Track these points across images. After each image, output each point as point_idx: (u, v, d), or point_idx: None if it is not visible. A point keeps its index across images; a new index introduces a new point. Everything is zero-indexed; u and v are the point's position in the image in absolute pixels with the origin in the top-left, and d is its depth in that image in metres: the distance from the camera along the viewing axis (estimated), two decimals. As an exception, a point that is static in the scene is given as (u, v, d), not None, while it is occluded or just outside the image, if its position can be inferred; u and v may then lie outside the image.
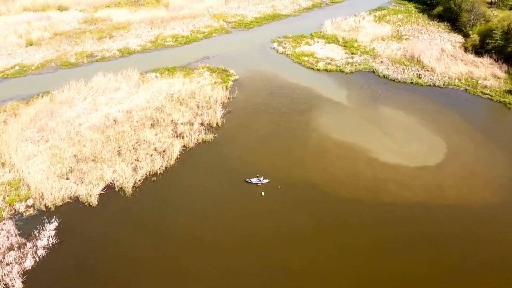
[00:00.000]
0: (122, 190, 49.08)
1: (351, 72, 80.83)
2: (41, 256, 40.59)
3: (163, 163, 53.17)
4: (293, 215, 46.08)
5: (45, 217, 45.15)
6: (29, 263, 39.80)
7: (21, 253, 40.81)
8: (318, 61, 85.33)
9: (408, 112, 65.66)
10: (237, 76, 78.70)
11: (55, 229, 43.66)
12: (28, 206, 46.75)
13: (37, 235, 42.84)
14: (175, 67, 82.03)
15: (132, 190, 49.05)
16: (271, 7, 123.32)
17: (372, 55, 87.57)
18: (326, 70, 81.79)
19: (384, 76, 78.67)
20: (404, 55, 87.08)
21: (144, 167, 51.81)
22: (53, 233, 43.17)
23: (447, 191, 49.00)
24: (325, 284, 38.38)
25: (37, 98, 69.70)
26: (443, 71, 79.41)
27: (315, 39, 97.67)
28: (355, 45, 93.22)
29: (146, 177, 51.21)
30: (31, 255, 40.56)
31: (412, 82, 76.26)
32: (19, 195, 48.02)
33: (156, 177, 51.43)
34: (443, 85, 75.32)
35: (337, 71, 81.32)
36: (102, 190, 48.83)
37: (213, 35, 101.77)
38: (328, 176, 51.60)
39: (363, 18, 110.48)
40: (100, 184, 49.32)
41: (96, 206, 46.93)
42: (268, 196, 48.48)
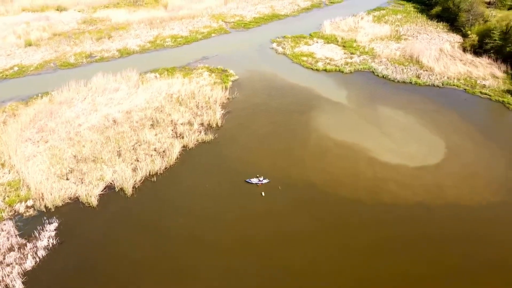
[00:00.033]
0: (122, 190, 49.10)
1: (350, 72, 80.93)
2: (41, 257, 40.59)
3: (163, 163, 53.20)
4: (293, 215, 46.12)
5: (45, 218, 45.15)
6: (29, 263, 39.80)
7: (21, 253, 40.81)
8: (317, 61, 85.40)
9: (407, 112, 65.77)
10: (236, 77, 78.72)
11: (55, 230, 43.67)
12: (28, 207, 46.74)
13: (37, 236, 42.84)
14: (174, 68, 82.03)
15: (132, 191, 49.07)
16: (270, 8, 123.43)
17: (371, 55, 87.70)
18: (325, 70, 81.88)
19: (383, 76, 78.81)
20: (403, 55, 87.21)
21: (144, 168, 51.84)
22: (53, 233, 43.17)
23: (446, 191, 49.09)
24: (326, 284, 38.43)
25: (36, 98, 69.68)
26: (442, 71, 79.58)
27: (314, 39, 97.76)
28: (354, 45, 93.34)
29: (146, 177, 51.23)
30: (31, 255, 40.55)
31: (411, 82, 76.40)
32: (19, 196, 48.00)
33: (156, 177, 51.44)
34: (442, 85, 75.49)
35: (336, 71, 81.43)
36: (102, 191, 48.84)
37: (212, 35, 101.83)
38: (328, 176, 51.67)
39: (362, 18, 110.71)
40: (100, 185, 49.34)
41: (96, 206, 46.94)
42: (268, 196, 48.51)
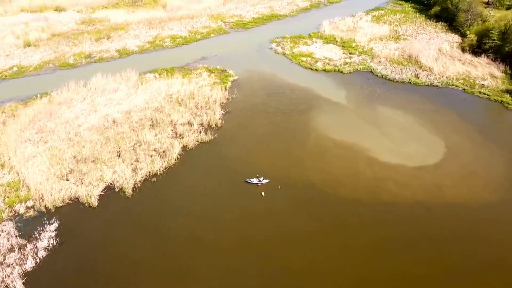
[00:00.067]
0: (122, 191, 49.10)
1: (349, 72, 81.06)
2: (41, 257, 40.56)
3: (163, 163, 53.22)
4: (293, 215, 46.19)
5: (45, 218, 45.13)
6: (29, 264, 39.77)
7: (21, 254, 40.78)
8: (316, 61, 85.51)
9: (406, 112, 65.92)
10: (235, 77, 78.76)
11: (55, 230, 43.65)
12: (28, 208, 46.71)
13: (37, 236, 42.82)
14: (173, 68, 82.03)
15: (132, 191, 49.07)
16: (269, 8, 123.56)
17: (370, 55, 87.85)
18: (324, 70, 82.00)
19: (382, 76, 78.98)
20: (402, 55, 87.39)
21: (144, 168, 51.85)
22: (53, 234, 43.15)
23: (445, 190, 49.21)
24: (325, 284, 38.48)
25: (36, 99, 69.61)
26: (441, 71, 79.77)
27: (313, 39, 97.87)
28: (353, 45, 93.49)
29: (146, 177, 51.25)
30: (31, 256, 40.53)
31: (410, 82, 76.57)
32: (19, 197, 47.95)
33: (156, 177, 51.46)
34: (441, 84, 75.68)
35: (335, 71, 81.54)
36: (102, 191, 48.84)
37: (211, 35, 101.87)
38: (328, 176, 51.76)
39: (360, 18, 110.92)
40: (100, 185, 49.32)
41: (96, 207, 46.93)
42: (268, 196, 48.58)
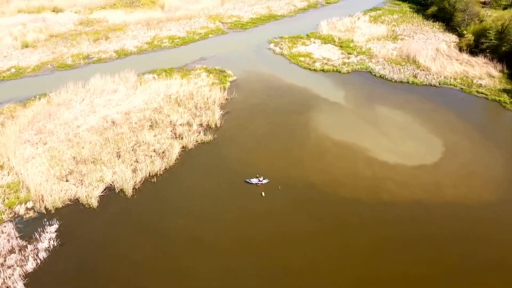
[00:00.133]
0: (122, 191, 49.09)
1: (348, 72, 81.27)
2: (42, 259, 40.52)
3: (163, 164, 53.22)
4: (293, 215, 46.30)
5: (45, 220, 45.09)
6: (30, 265, 39.74)
7: (22, 255, 40.72)
8: (314, 62, 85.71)
9: (405, 112, 66.18)
10: (234, 77, 78.81)
11: (55, 231, 43.59)
12: (28, 209, 46.63)
13: (38, 238, 42.77)
14: (172, 68, 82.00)
15: (132, 192, 49.06)
16: (266, 8, 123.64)
17: (368, 55, 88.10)
18: (323, 71, 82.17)
19: (380, 76, 79.22)
20: (399, 55, 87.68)
21: (144, 169, 51.86)
22: (54, 235, 43.11)
23: (445, 190, 49.43)
24: (325, 284, 38.56)
25: (34, 100, 69.44)
26: (439, 71, 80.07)
27: (311, 39, 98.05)
28: (351, 45, 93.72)
29: (146, 178, 51.25)
30: (32, 257, 40.50)
31: (408, 82, 76.83)
32: (18, 198, 47.87)
33: (156, 178, 51.48)
34: (439, 84, 75.98)
35: (334, 71, 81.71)
36: (102, 192, 48.80)
37: (209, 36, 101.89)
38: (327, 176, 51.90)
39: (358, 18, 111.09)
40: (100, 186, 49.28)
41: (96, 208, 46.90)
42: (268, 196, 48.67)
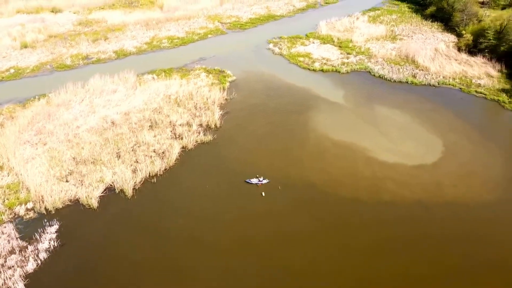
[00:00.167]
0: (122, 192, 49.12)
1: (347, 72, 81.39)
2: (42, 259, 40.55)
3: (163, 164, 53.26)
4: (293, 215, 46.37)
5: (45, 220, 45.11)
6: (31, 266, 39.77)
7: (22, 256, 40.75)
8: (314, 62, 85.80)
9: (404, 111, 66.31)
10: (233, 77, 78.87)
11: (56, 232, 43.63)
12: (28, 209, 46.65)
13: (38, 238, 42.80)
14: (171, 69, 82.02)
15: (132, 192, 49.10)
16: (265, 8, 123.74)
17: (367, 55, 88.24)
18: (322, 71, 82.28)
19: (379, 76, 79.35)
20: (398, 55, 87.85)
21: (144, 169, 51.89)
22: (54, 235, 43.14)
23: (444, 189, 49.53)
24: (326, 284, 38.62)
25: (34, 100, 69.45)
26: (438, 71, 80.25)
27: (311, 39, 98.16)
28: (350, 45, 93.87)
29: (146, 178, 51.28)
30: (32, 258, 40.52)
31: (407, 82, 76.99)
32: (18, 198, 47.87)
33: (156, 178, 51.51)
34: (438, 84, 76.15)
35: (333, 71, 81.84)
36: (102, 192, 48.83)
37: (208, 36, 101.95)
38: (327, 176, 51.97)
39: (357, 18, 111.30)
40: (100, 186, 49.33)
41: (96, 208, 46.94)
42: (268, 196, 48.72)
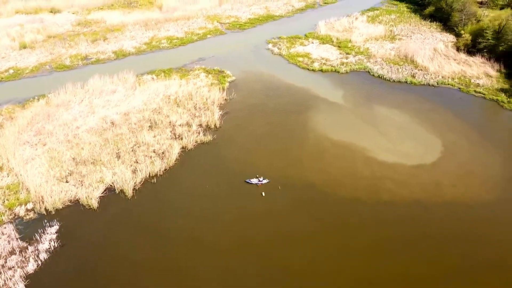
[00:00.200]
0: (122, 192, 49.15)
1: (346, 72, 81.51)
2: (43, 260, 40.57)
3: (163, 165, 53.28)
4: (292, 215, 46.44)
5: (45, 221, 45.11)
6: (31, 267, 39.77)
7: (23, 257, 40.75)
8: (313, 62, 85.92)
9: (403, 111, 66.44)
10: (233, 77, 78.94)
11: (56, 232, 43.65)
12: (28, 210, 46.65)
13: (38, 239, 42.79)
14: (171, 69, 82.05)
15: (132, 192, 49.12)
16: (264, 8, 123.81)
17: (366, 55, 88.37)
18: (321, 71, 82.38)
19: (378, 76, 79.48)
20: (397, 55, 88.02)
21: (144, 169, 51.92)
22: (54, 236, 43.15)
23: (443, 189, 49.65)
24: (325, 284, 38.69)
25: (33, 101, 69.44)
26: (437, 70, 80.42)
27: (310, 39, 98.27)
28: (349, 45, 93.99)
29: (146, 179, 51.31)
30: (33, 258, 40.53)
31: (406, 82, 77.14)
32: (18, 199, 47.86)
33: (156, 179, 51.54)
34: (437, 84, 76.32)
35: (332, 72, 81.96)
36: (102, 193, 48.86)
37: (207, 36, 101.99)
38: (326, 176, 52.06)
39: (356, 18, 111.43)
40: (100, 187, 49.34)
41: (96, 208, 46.96)
42: (268, 196, 48.79)
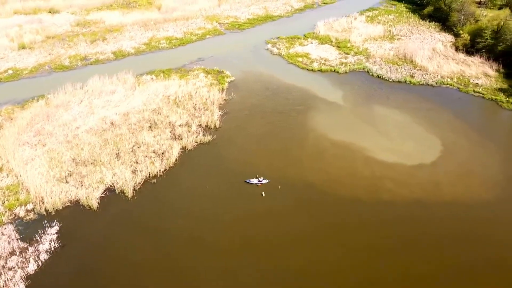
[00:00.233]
0: (122, 192, 49.15)
1: (345, 72, 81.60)
2: (43, 260, 40.56)
3: (163, 165, 53.28)
4: (293, 215, 46.51)
5: (46, 221, 45.09)
6: (32, 267, 39.76)
7: (23, 257, 40.72)
8: (312, 62, 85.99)
9: (402, 111, 66.55)
10: (232, 78, 78.98)
11: (56, 233, 43.64)
12: (28, 211, 46.61)
13: (38, 240, 42.76)
14: (170, 69, 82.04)
15: (132, 193, 49.12)
16: (263, 9, 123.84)
17: (365, 55, 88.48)
18: (320, 71, 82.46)
19: (378, 75, 79.59)
20: (396, 55, 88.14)
21: (144, 170, 51.92)
22: (54, 237, 43.14)
23: (443, 189, 49.77)
24: (325, 284, 38.75)
25: (32, 102, 69.37)
26: (436, 70, 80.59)
27: (309, 39, 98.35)
28: (348, 45, 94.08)
29: (146, 179, 51.32)
30: (33, 259, 40.51)
31: (405, 82, 77.29)
32: (18, 200, 47.82)
33: (156, 179, 51.55)
34: (436, 84, 76.48)
35: (331, 72, 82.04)
36: (102, 193, 48.86)
37: (206, 36, 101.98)
38: (326, 176, 52.12)
39: (355, 18, 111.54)
40: (100, 187, 49.34)
41: (96, 209, 46.96)
42: (268, 196, 48.84)
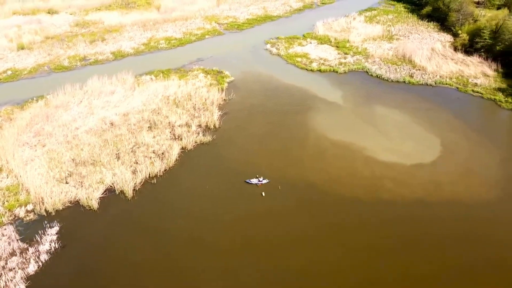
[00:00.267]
0: (122, 193, 49.12)
1: (345, 72, 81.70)
2: (44, 261, 40.52)
3: (163, 165, 53.25)
4: (293, 215, 46.54)
5: (46, 222, 45.03)
6: (32, 268, 39.70)
7: (23, 258, 40.67)
8: (311, 62, 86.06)
9: (402, 111, 66.67)
10: (232, 78, 79.01)
11: (56, 234, 43.59)
12: (28, 211, 46.54)
13: (39, 240, 42.70)
14: (169, 70, 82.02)
15: (132, 193, 49.09)
16: (262, 9, 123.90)
17: (364, 55, 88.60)
18: (319, 71, 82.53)
19: (377, 75, 79.71)
20: (395, 55, 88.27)
21: (144, 170, 51.90)
22: (55, 237, 43.09)
23: (443, 188, 49.87)
24: (326, 284, 38.78)
25: (32, 102, 69.27)
26: (435, 70, 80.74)
27: (308, 40, 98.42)
28: (347, 45, 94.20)
29: (146, 179, 51.30)
30: (34, 260, 40.46)
31: (404, 81, 77.42)
32: (18, 200, 47.76)
33: (156, 179, 51.54)
34: (435, 83, 76.63)
35: (330, 72, 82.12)
36: (102, 194, 48.82)
37: (206, 37, 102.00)
38: (327, 176, 52.18)
39: (354, 18, 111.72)
40: (100, 188, 49.30)
41: (96, 209, 46.92)
42: (268, 196, 48.87)
